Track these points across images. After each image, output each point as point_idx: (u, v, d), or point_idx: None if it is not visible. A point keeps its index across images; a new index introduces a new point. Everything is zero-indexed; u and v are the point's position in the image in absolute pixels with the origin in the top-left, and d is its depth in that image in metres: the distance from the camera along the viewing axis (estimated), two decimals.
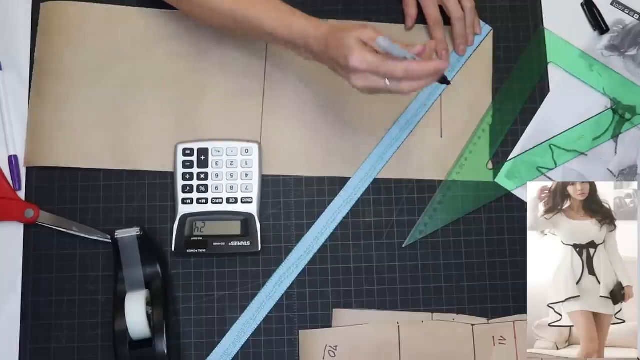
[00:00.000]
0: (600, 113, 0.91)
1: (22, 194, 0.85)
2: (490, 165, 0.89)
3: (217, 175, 0.85)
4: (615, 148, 0.90)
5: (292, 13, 0.77)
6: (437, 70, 0.72)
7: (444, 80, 0.76)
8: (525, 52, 0.92)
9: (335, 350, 0.82)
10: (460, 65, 0.91)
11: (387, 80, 0.72)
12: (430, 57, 0.75)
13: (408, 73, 0.70)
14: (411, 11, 0.90)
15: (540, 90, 0.91)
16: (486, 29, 0.92)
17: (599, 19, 0.92)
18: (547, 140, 0.90)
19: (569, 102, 0.91)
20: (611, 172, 0.90)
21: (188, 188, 0.85)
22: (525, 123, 0.90)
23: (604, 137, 0.90)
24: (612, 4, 0.94)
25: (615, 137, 0.90)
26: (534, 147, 0.90)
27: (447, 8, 0.88)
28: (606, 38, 0.93)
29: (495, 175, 0.89)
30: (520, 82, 0.91)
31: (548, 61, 0.92)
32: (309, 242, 0.85)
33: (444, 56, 0.90)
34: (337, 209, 0.86)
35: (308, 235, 0.86)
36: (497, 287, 0.86)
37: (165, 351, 0.77)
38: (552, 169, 0.89)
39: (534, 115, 0.90)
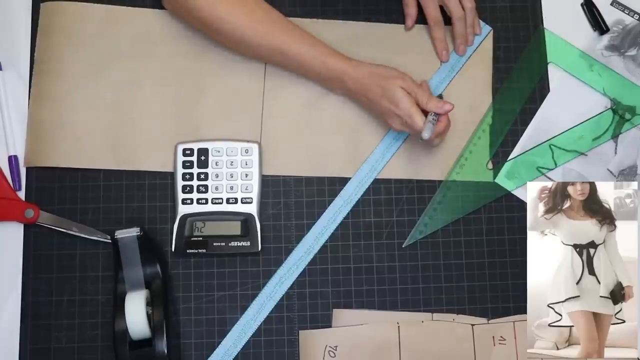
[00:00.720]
0: (600, 113, 0.91)
1: (22, 194, 0.85)
2: (490, 165, 0.89)
3: (217, 176, 0.85)
4: (615, 148, 0.90)
5: (330, 52, 0.83)
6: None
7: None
8: (525, 52, 0.92)
9: (335, 350, 0.82)
10: (460, 65, 0.91)
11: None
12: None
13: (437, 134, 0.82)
14: (411, 11, 0.90)
15: (540, 90, 0.91)
16: (486, 29, 0.92)
17: (599, 19, 0.92)
18: (547, 140, 0.90)
19: (569, 102, 0.91)
20: (611, 172, 0.90)
21: (188, 188, 0.85)
22: (525, 123, 0.90)
23: (604, 137, 0.90)
24: (612, 4, 0.94)
25: (615, 137, 0.90)
26: (534, 147, 0.90)
27: (448, 8, 0.88)
28: (606, 38, 0.93)
29: (495, 175, 0.89)
30: (520, 82, 0.91)
31: (548, 61, 0.92)
32: (309, 242, 0.85)
33: (444, 56, 0.90)
34: (338, 209, 0.86)
35: (308, 235, 0.86)
36: (497, 287, 0.86)
37: (165, 351, 0.77)
38: (552, 169, 0.89)
39: (534, 115, 0.90)
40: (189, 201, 0.84)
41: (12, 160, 0.85)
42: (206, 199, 0.84)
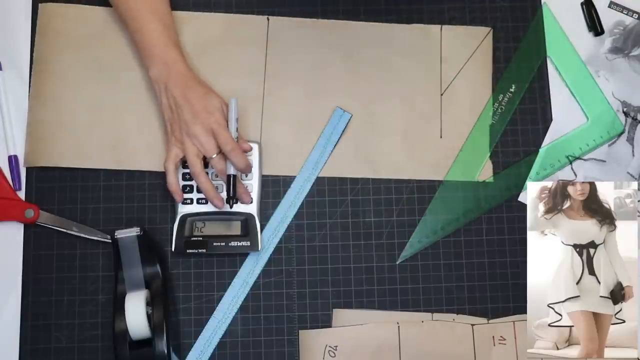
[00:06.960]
0: (612, 117, 0.90)
1: (22, 194, 0.85)
2: (489, 166, 0.88)
3: (217, 176, 0.85)
4: (633, 150, 0.89)
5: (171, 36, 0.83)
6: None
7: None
8: (524, 40, 0.91)
9: (335, 350, 0.82)
10: (460, 66, 0.91)
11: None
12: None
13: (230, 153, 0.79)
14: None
15: (540, 90, 0.91)
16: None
17: (596, 20, 0.92)
18: (564, 153, 0.89)
19: (577, 110, 0.90)
20: (631, 175, 0.89)
21: (188, 188, 0.85)
22: (526, 124, 0.90)
23: (619, 142, 0.90)
24: (609, 6, 0.93)
25: (630, 139, 0.90)
26: (552, 162, 0.89)
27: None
28: (609, 41, 0.92)
29: (495, 176, 0.88)
30: (517, 77, 0.90)
31: (547, 55, 0.91)
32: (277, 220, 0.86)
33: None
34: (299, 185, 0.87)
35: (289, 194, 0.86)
36: (497, 287, 0.86)
37: (165, 351, 0.77)
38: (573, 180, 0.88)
39: (535, 115, 0.90)
40: (189, 201, 0.84)
41: (12, 160, 0.85)
42: (206, 199, 0.84)
